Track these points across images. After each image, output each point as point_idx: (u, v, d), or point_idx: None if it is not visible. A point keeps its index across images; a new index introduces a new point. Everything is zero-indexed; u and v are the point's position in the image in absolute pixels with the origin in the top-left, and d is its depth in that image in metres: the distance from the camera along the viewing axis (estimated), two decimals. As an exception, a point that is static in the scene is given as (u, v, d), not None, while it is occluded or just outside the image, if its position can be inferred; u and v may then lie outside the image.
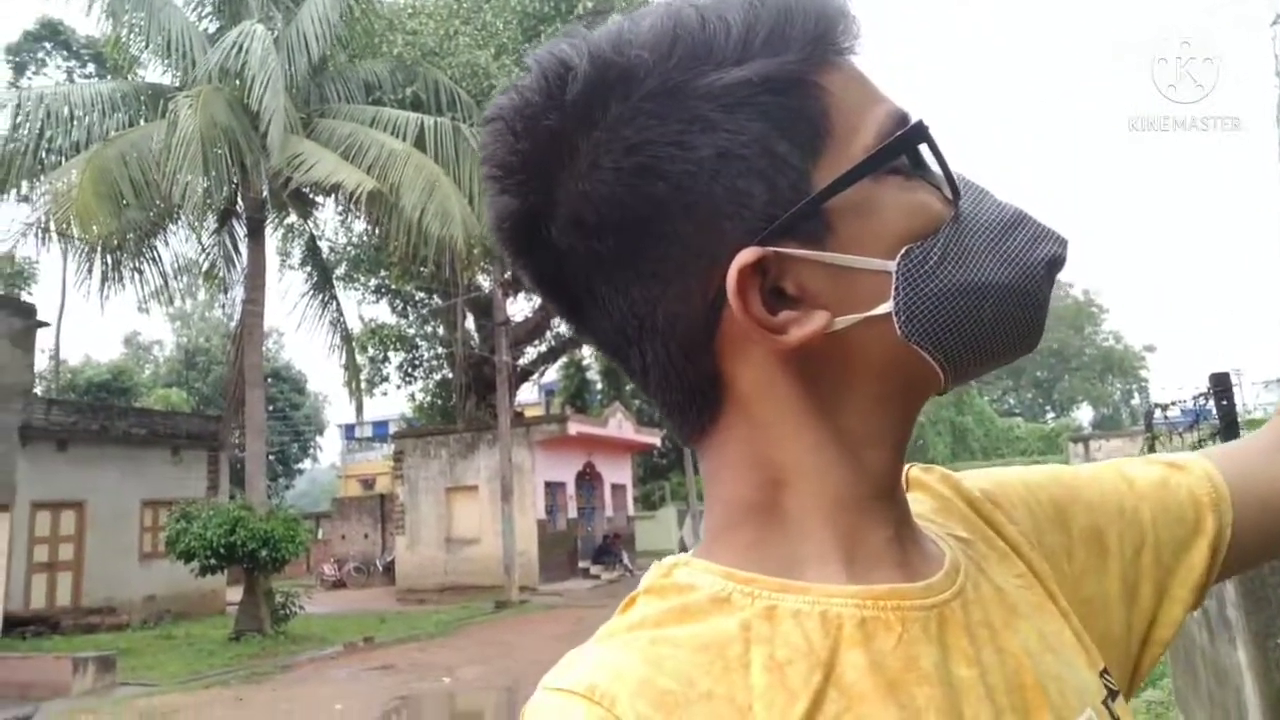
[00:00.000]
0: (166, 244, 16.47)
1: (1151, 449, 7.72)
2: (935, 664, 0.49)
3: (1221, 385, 4.45)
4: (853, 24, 0.53)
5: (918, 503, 0.62)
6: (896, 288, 0.50)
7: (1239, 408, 4.42)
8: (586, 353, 32.04)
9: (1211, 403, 4.69)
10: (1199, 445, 5.60)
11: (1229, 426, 4.32)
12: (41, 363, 29.01)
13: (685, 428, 0.56)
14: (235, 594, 16.47)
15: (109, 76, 18.00)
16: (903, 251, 0.50)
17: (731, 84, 0.49)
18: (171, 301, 18.24)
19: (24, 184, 14.37)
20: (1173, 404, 6.28)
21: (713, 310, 0.51)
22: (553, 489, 23.09)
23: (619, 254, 0.51)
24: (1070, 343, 55.21)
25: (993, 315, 0.51)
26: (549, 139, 0.51)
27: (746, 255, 0.49)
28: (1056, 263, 0.53)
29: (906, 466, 0.63)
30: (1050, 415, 55.86)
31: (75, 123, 14.18)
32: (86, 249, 15.15)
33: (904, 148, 0.51)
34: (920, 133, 0.51)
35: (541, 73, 0.52)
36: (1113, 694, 0.56)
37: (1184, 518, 0.64)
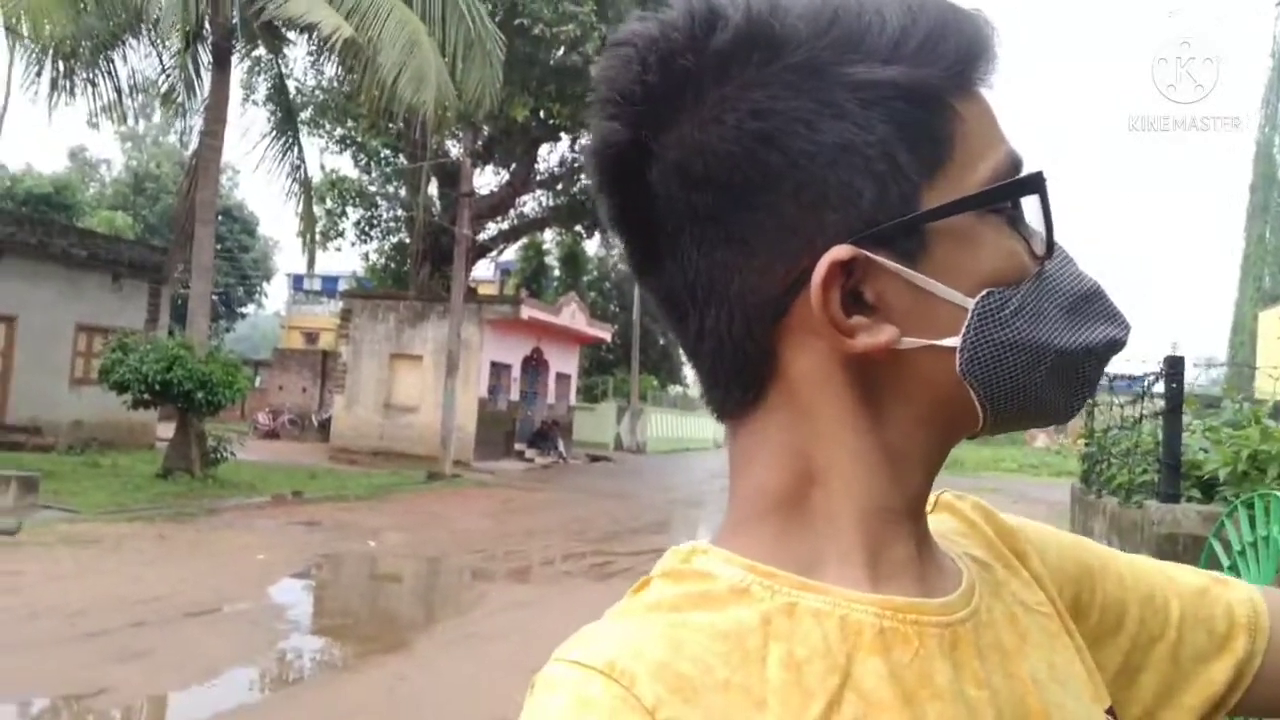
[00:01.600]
0: (124, 59, 15.62)
1: (1090, 414, 7.94)
2: (949, 682, 0.50)
3: (1174, 369, 4.54)
4: (996, 57, 0.53)
5: (941, 523, 0.63)
6: (969, 326, 0.50)
7: (1182, 395, 4.52)
8: (548, 237, 31.68)
9: (1160, 384, 4.79)
10: (1139, 421, 5.77)
11: (1174, 410, 4.44)
12: (-21, 166, 27.65)
13: (727, 402, 0.55)
14: (166, 431, 16.36)
15: None
16: (984, 293, 0.50)
17: (873, 80, 0.49)
18: (124, 120, 17.42)
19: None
20: (1120, 377, 6.45)
21: (789, 293, 0.51)
22: (498, 369, 23.12)
23: (716, 212, 0.51)
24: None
25: (1044, 378, 0.52)
26: (681, 79, 0.50)
27: (841, 251, 0.49)
28: (1115, 346, 0.54)
29: (938, 492, 0.65)
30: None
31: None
32: (37, 50, 14.27)
33: (1019, 193, 0.52)
34: (1037, 184, 0.52)
35: (690, 12, 0.50)
36: None
37: (1214, 629, 0.64)
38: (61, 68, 14.69)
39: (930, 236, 0.50)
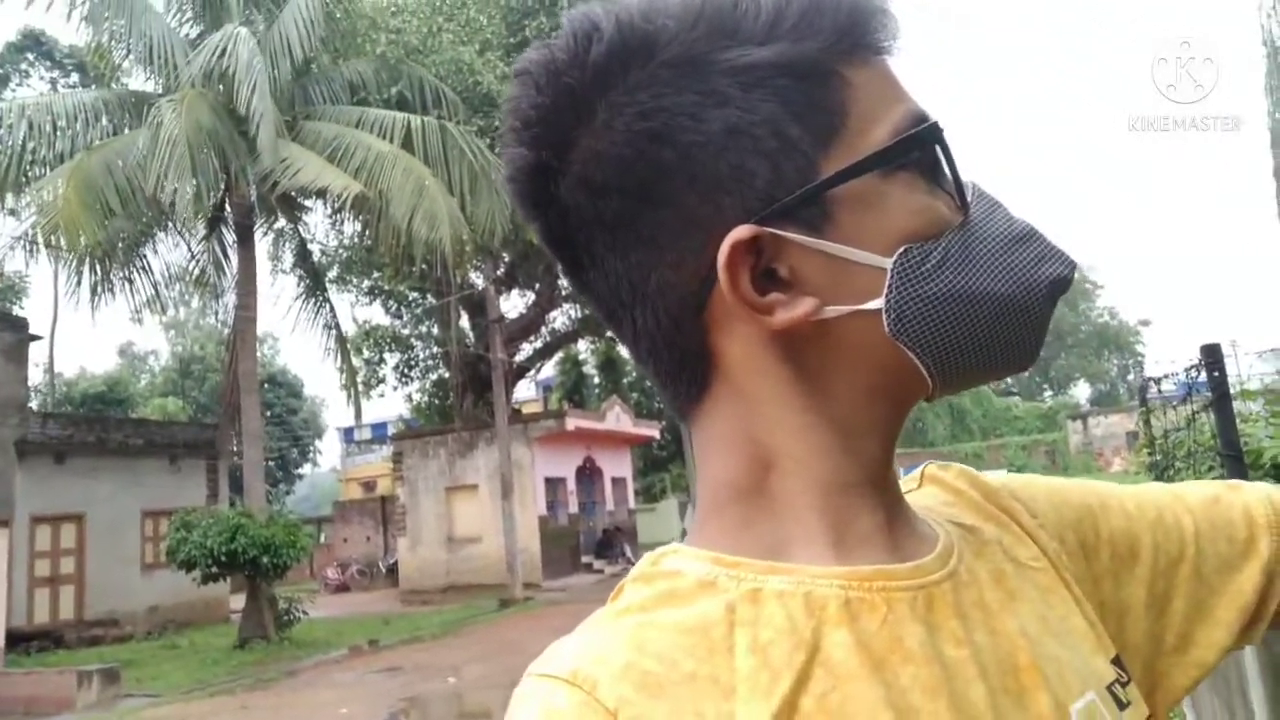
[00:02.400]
0: (156, 252, 16.46)
1: (1147, 423, 7.69)
2: (921, 643, 0.49)
3: (1212, 357, 4.41)
4: (889, 22, 0.53)
5: (927, 496, 0.62)
6: (890, 285, 0.50)
7: (1235, 378, 4.39)
8: (583, 347, 32.04)
9: (1203, 375, 4.66)
10: (1193, 418, 5.58)
11: (1221, 398, 4.30)
12: (36, 376, 28.96)
13: (677, 399, 0.56)
14: (238, 601, 16.45)
15: (92, 85, 17.88)
16: (901, 250, 0.50)
17: (751, 63, 0.50)
18: (164, 310, 18.18)
19: (9, 197, 14.27)
20: (1165, 377, 6.26)
21: (705, 283, 0.51)
22: (553, 485, 23.07)
23: (621, 216, 0.52)
24: (1066, 320, 55.20)
25: (986, 326, 0.51)
26: (568, 96, 0.52)
27: (740, 232, 0.49)
28: (1060, 284, 0.53)
29: (924, 464, 0.65)
30: (1048, 393, 55.93)
31: (59, 133, 14.08)
32: (75, 260, 15.08)
33: (913, 146, 0.51)
34: (932, 134, 0.51)
35: (571, 32, 0.53)
36: (1124, 682, 0.55)
37: (1234, 536, 0.61)
38: (99, 271, 15.49)
39: (833, 204, 0.50)
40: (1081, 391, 58.44)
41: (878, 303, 0.50)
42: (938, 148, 0.52)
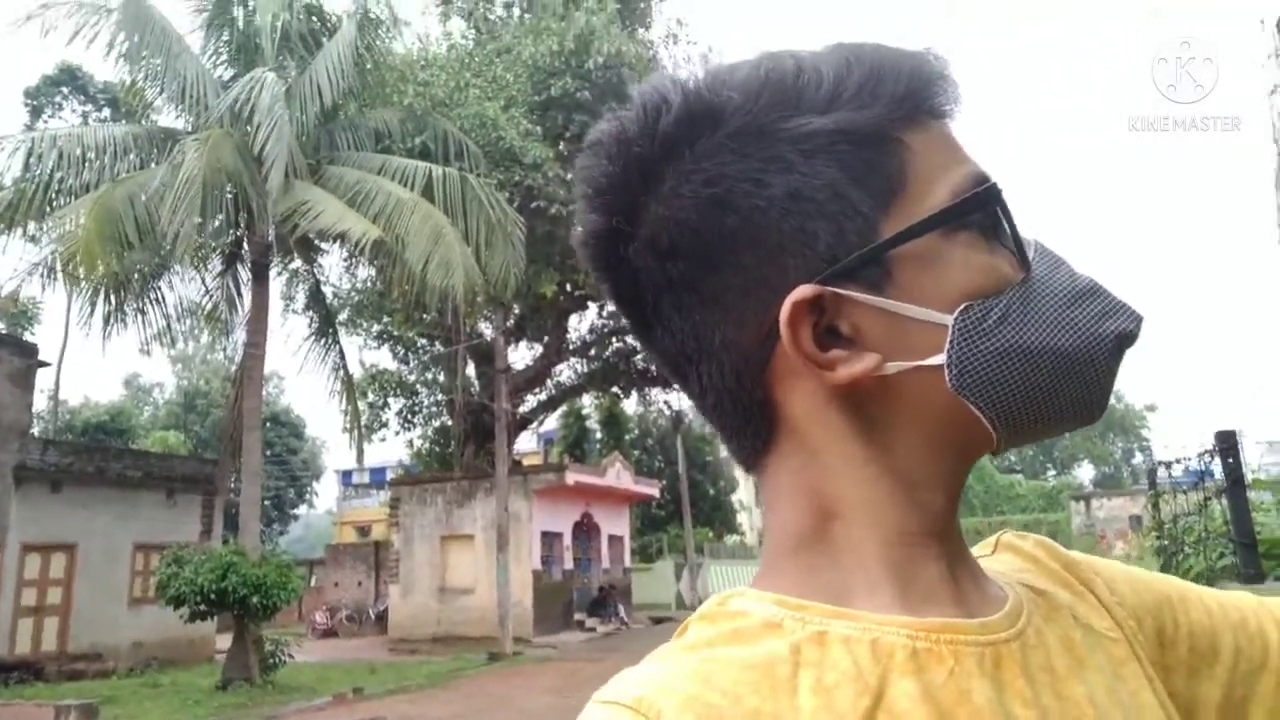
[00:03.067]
0: (171, 286, 16.55)
1: (1155, 506, 7.65)
2: (989, 700, 0.49)
3: (1227, 443, 4.41)
4: (949, 87, 0.55)
5: (1000, 563, 0.63)
6: (951, 340, 0.51)
7: (1241, 468, 4.36)
8: (586, 402, 32.01)
9: (1216, 461, 4.63)
10: (1205, 503, 5.55)
11: (1235, 484, 4.28)
12: (40, 403, 28.95)
13: (743, 451, 0.58)
14: (224, 641, 16.18)
15: (123, 121, 18.25)
16: (963, 306, 0.51)
17: (812, 131, 0.52)
18: (174, 344, 18.26)
19: (31, 224, 14.45)
20: (1177, 461, 6.23)
21: (768, 340, 0.53)
22: (549, 539, 22.85)
23: (687, 278, 0.54)
24: (1071, 401, 54.83)
25: (1049, 381, 0.52)
26: (638, 165, 0.54)
27: (802, 291, 0.51)
28: (1126, 338, 0.54)
29: (999, 533, 0.66)
30: (1051, 473, 55.56)
31: (87, 164, 14.31)
32: (90, 290, 15.20)
33: (973, 207, 0.53)
34: (992, 195, 0.53)
35: (641, 104, 0.55)
36: None
37: None
38: (113, 302, 15.59)
39: (894, 263, 0.51)
40: (1085, 472, 58.07)
41: (939, 358, 0.51)
42: (997, 208, 0.53)
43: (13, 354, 16.89)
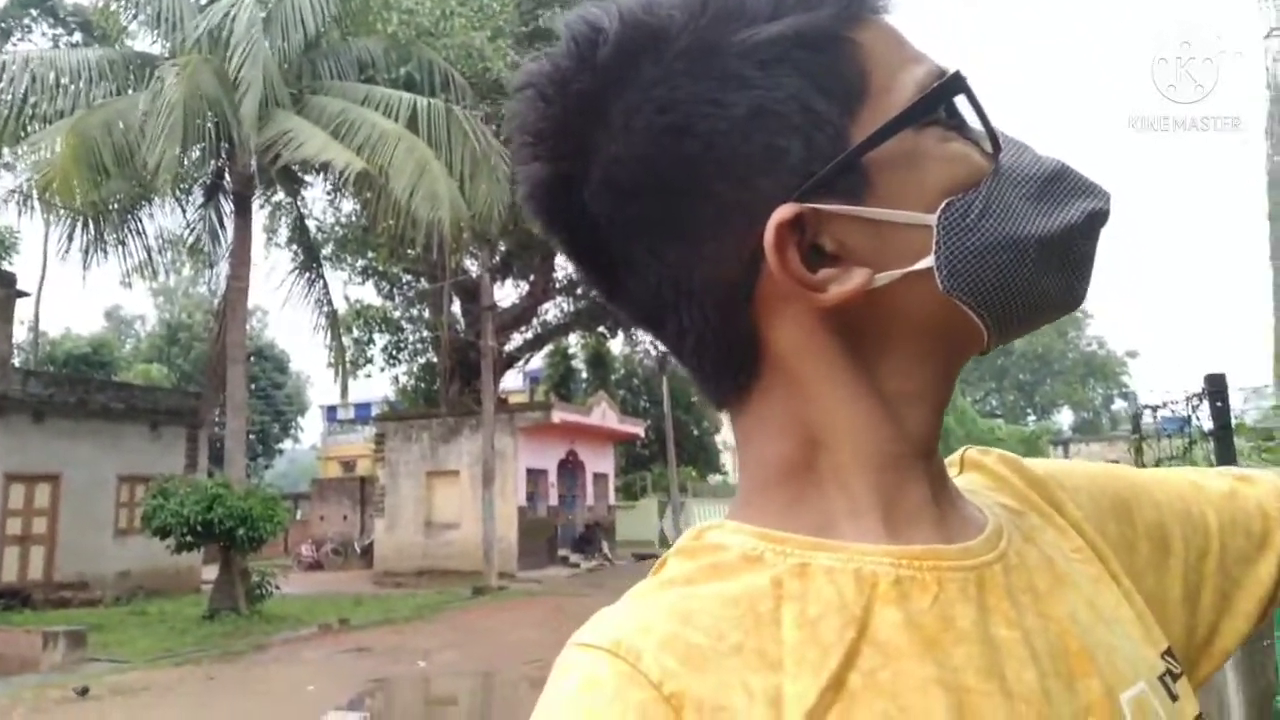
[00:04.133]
0: (151, 217, 16.33)
1: (1139, 451, 7.72)
2: (973, 623, 0.48)
3: (1216, 386, 4.42)
4: None
5: (970, 481, 0.62)
6: (938, 241, 0.49)
7: (1229, 413, 4.39)
8: (573, 341, 32.01)
9: (1206, 406, 4.64)
10: (1188, 449, 5.60)
11: (1223, 429, 4.30)
12: (20, 334, 28.64)
13: (721, 391, 0.55)
14: (210, 573, 16.33)
15: (96, 45, 17.71)
16: (944, 204, 0.49)
17: (766, 40, 0.49)
18: (155, 276, 18.07)
19: (5, 150, 14.12)
20: (1164, 405, 6.28)
21: (750, 269, 0.50)
22: (534, 476, 23.05)
23: (653, 216, 0.51)
24: (1053, 347, 55.54)
25: (1034, 269, 0.50)
26: (580, 102, 0.51)
27: (784, 212, 0.48)
28: (1098, 216, 0.53)
29: (963, 449, 0.65)
30: (1031, 418, 56.26)
31: (61, 90, 13.93)
32: (68, 219, 14.95)
33: (942, 98, 0.50)
34: (958, 84, 0.51)
35: (571, 37, 0.51)
36: (1175, 674, 0.55)
37: (1251, 530, 0.64)
38: (92, 232, 15.36)
39: (870, 169, 0.49)
40: (1065, 418, 58.79)
41: (928, 261, 0.49)
42: (963, 95, 0.51)
43: (-10, 283, 16.63)
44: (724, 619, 0.47)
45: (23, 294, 18.35)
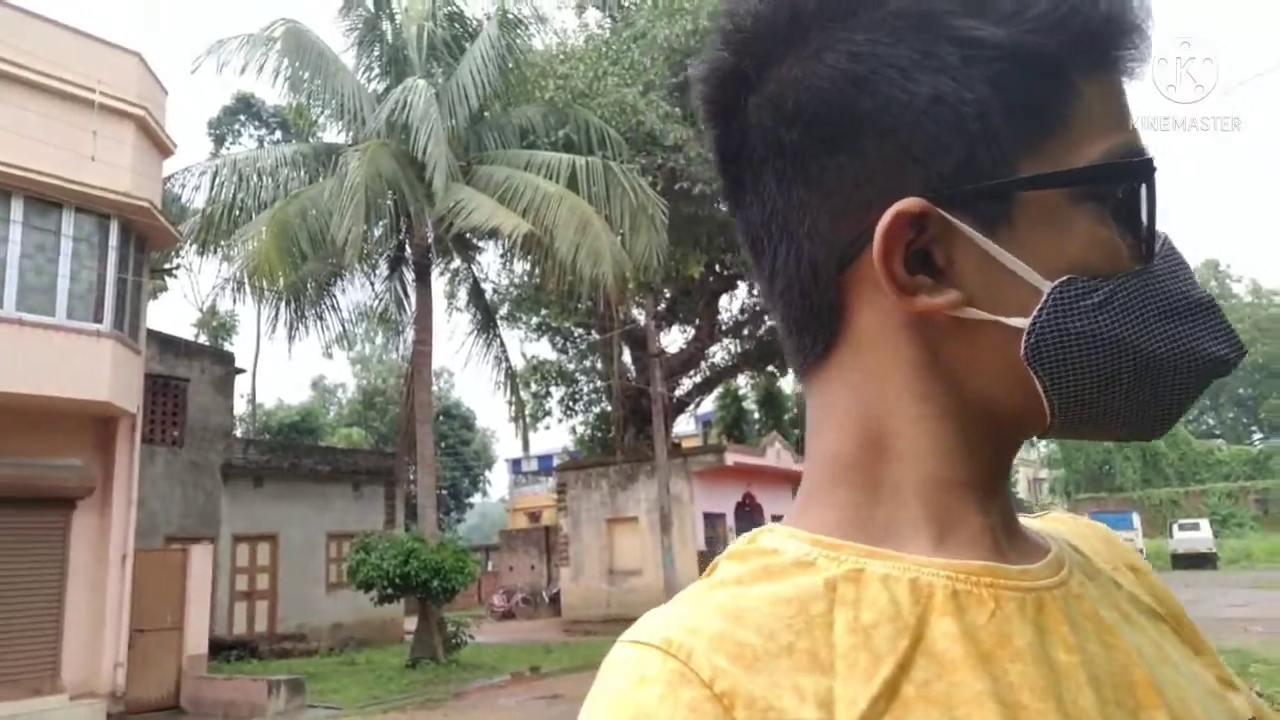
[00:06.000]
0: (344, 292, 17.71)
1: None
2: (1030, 643, 0.47)
3: None
4: (1141, 43, 0.49)
5: (1046, 524, 0.61)
6: (1042, 308, 0.47)
7: None
8: (742, 382, 31.89)
9: None
10: None
11: None
12: (240, 407, 31.68)
13: (800, 353, 0.55)
14: (412, 623, 17.23)
15: (293, 140, 19.60)
16: (1065, 278, 0.47)
17: (981, 38, 0.47)
18: (351, 346, 19.57)
19: (222, 243, 15.78)
20: None
21: (855, 242, 0.50)
22: (712, 520, 22.94)
23: (800, 149, 0.50)
24: (1279, 355, 50.15)
25: (1126, 382, 0.48)
26: (789, 12, 0.51)
27: (911, 203, 0.47)
28: (1221, 365, 0.49)
29: (1048, 509, 0.65)
30: (1257, 436, 50.79)
31: (263, 184, 15.50)
32: (274, 299, 16.45)
33: (1122, 176, 0.48)
34: (1144, 170, 0.48)
35: None
36: None
37: None
38: (294, 309, 16.84)
39: (1016, 208, 0.47)
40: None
41: (1022, 322, 0.47)
42: (1144, 187, 0.49)
43: (214, 363, 18.55)
44: (775, 619, 0.46)
45: (240, 371, 20.30)
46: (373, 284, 18.08)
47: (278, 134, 31.93)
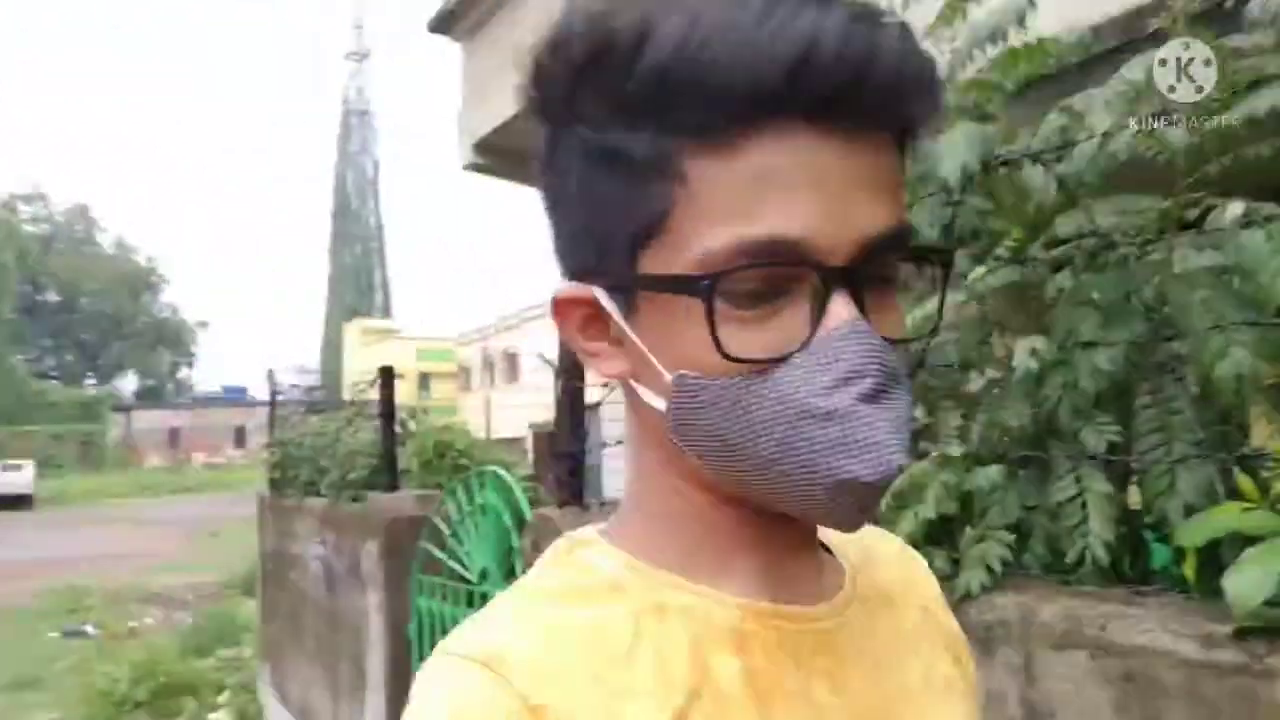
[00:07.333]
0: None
1: (272, 422, 8.02)
2: (800, 686, 0.51)
3: (387, 377, 4.93)
4: (826, 91, 0.43)
5: (878, 544, 0.64)
6: (671, 399, 0.49)
7: (394, 399, 4.90)
8: None
9: (375, 392, 5.06)
10: (350, 422, 5.89)
11: (388, 415, 4.90)
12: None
13: None
14: None
15: None
16: (677, 374, 0.48)
17: (591, 141, 0.48)
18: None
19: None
20: (294, 386, 6.80)
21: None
22: None
23: (547, 205, 0.54)
24: (125, 309, 53.22)
25: (756, 479, 0.48)
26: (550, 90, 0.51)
27: (565, 289, 0.52)
28: (845, 485, 0.45)
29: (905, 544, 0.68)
30: (91, 381, 52.70)
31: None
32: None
33: (679, 289, 0.46)
34: (696, 289, 0.45)
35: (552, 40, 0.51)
36: None
37: None
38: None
39: (641, 300, 0.49)
40: (129, 383, 56.67)
41: (662, 404, 0.49)
42: (705, 303, 0.46)
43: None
44: (585, 646, 0.48)
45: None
46: None
47: None
